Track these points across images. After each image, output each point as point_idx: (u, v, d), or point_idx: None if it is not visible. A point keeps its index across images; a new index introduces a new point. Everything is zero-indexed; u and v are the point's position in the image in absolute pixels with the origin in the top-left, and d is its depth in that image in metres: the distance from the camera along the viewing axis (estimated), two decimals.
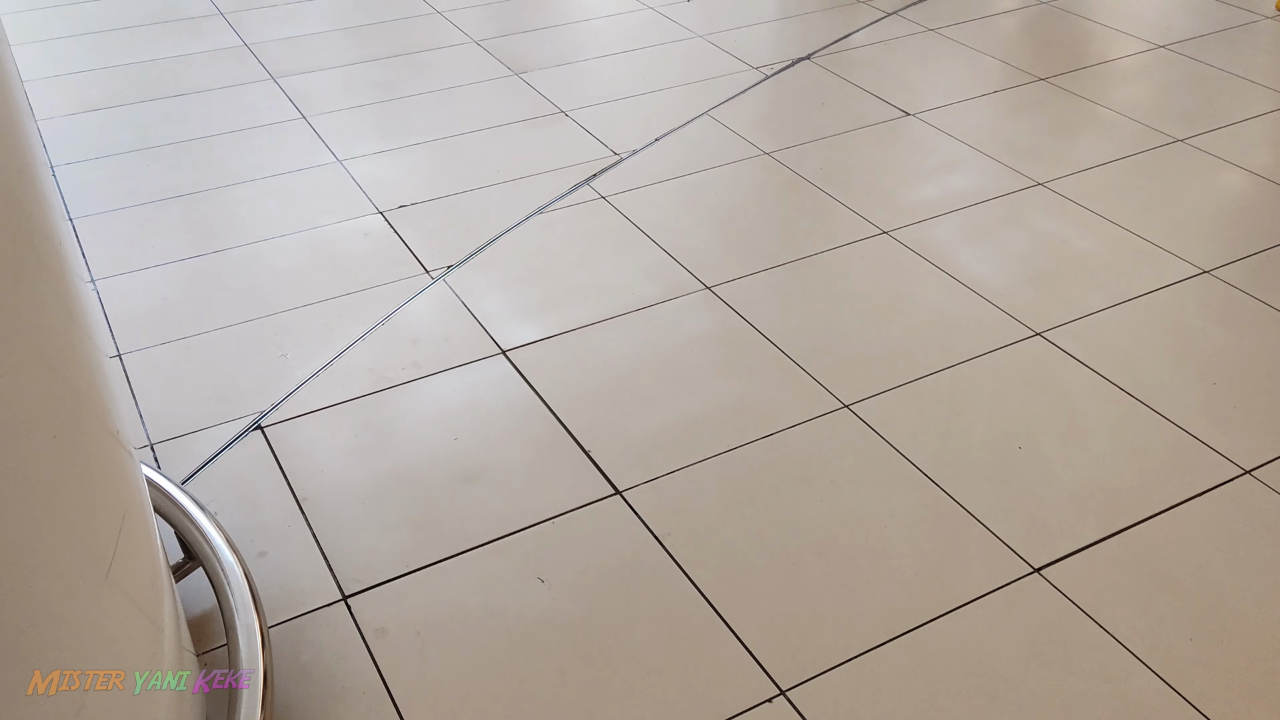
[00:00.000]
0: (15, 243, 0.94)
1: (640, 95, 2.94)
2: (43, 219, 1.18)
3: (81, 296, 1.29)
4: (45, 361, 0.94)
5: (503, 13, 3.43)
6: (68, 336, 1.11)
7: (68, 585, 0.92)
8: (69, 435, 0.96)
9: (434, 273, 2.24)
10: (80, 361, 1.10)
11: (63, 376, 1.01)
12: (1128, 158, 2.60)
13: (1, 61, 1.27)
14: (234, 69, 3.07)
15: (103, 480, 1.03)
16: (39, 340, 0.95)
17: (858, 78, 3.00)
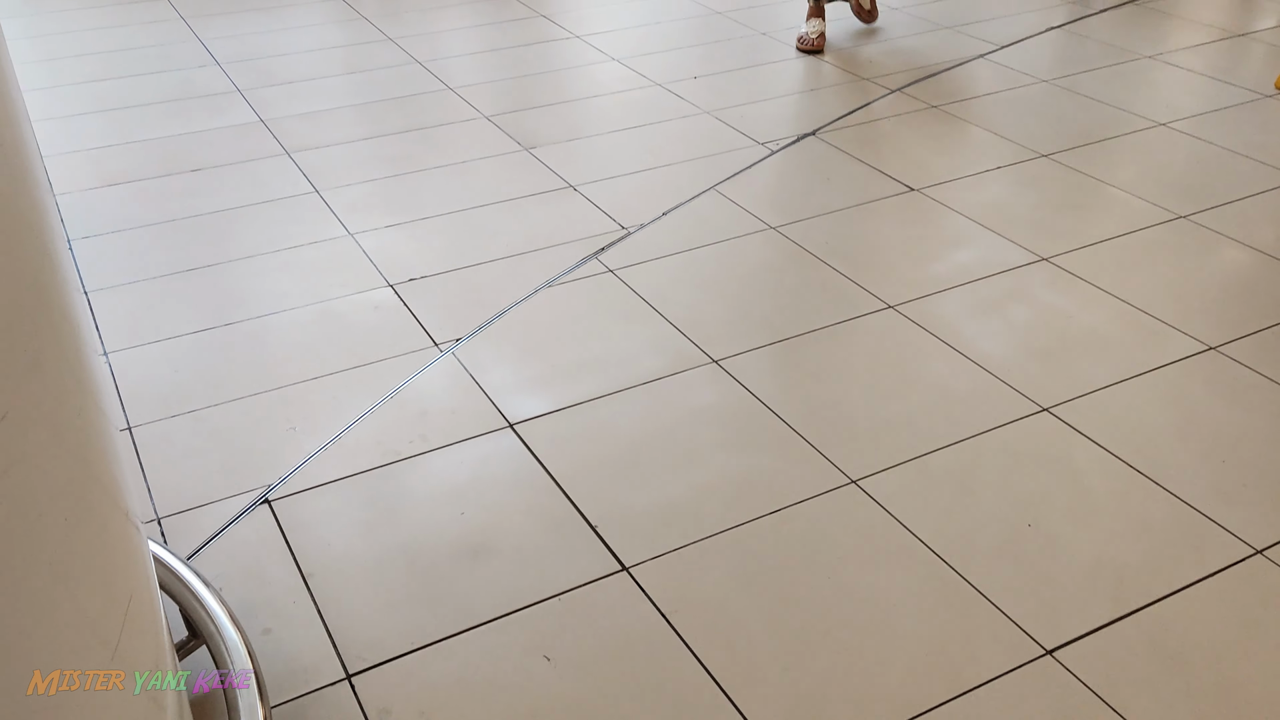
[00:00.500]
0: (35, 324, 0.96)
1: (648, 170, 2.98)
2: (61, 296, 1.20)
3: (96, 372, 1.30)
4: (62, 443, 0.95)
5: (513, 89, 3.49)
6: (83, 415, 1.12)
7: (75, 669, 0.92)
8: (81, 517, 0.96)
9: (443, 345, 2.25)
10: (94, 439, 1.11)
11: (77, 456, 1.02)
12: (1132, 233, 2.63)
13: (23, 139, 1.30)
14: (250, 144, 3.12)
15: (112, 561, 1.03)
16: (56, 422, 0.96)
17: (863, 153, 3.04)
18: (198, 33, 3.92)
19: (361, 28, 4.01)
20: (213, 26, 3.99)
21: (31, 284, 0.99)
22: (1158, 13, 4.04)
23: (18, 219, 0.99)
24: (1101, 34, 3.88)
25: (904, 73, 3.57)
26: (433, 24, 4.05)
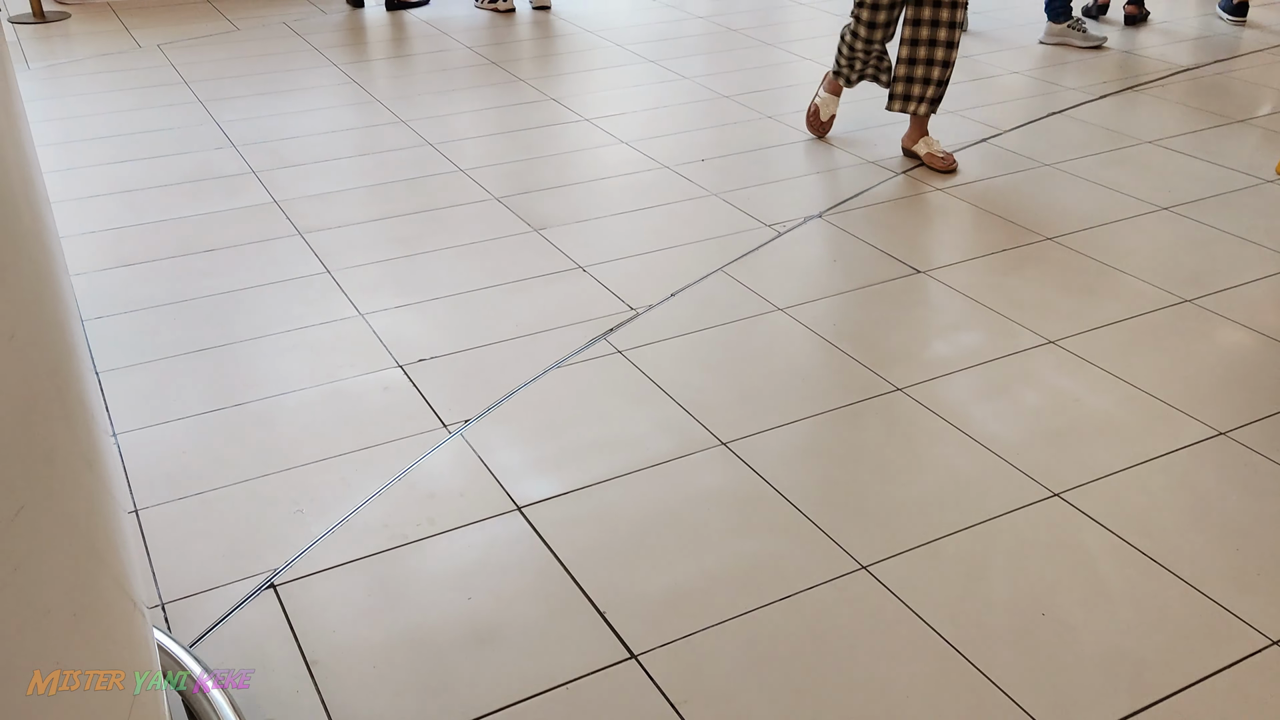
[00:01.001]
0: (51, 414, 0.96)
1: (656, 252, 3.01)
2: (77, 383, 1.20)
3: (106, 456, 1.30)
4: (73, 534, 0.95)
5: (523, 171, 3.55)
6: (93, 503, 1.12)
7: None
8: (89, 609, 0.96)
9: (452, 427, 2.25)
10: (103, 526, 1.11)
11: (87, 545, 1.02)
12: (1137, 317, 2.64)
13: (44, 225, 1.32)
14: (263, 225, 3.17)
15: (118, 652, 1.03)
16: (69, 512, 0.96)
17: (868, 235, 3.08)
18: (215, 116, 4.00)
19: (375, 110, 4.09)
20: (230, 110, 4.07)
21: (50, 372, 1.00)
22: (1157, 99, 4.11)
23: (39, 309, 1.00)
24: (1102, 119, 3.95)
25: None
26: (445, 107, 4.13)
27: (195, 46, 4.82)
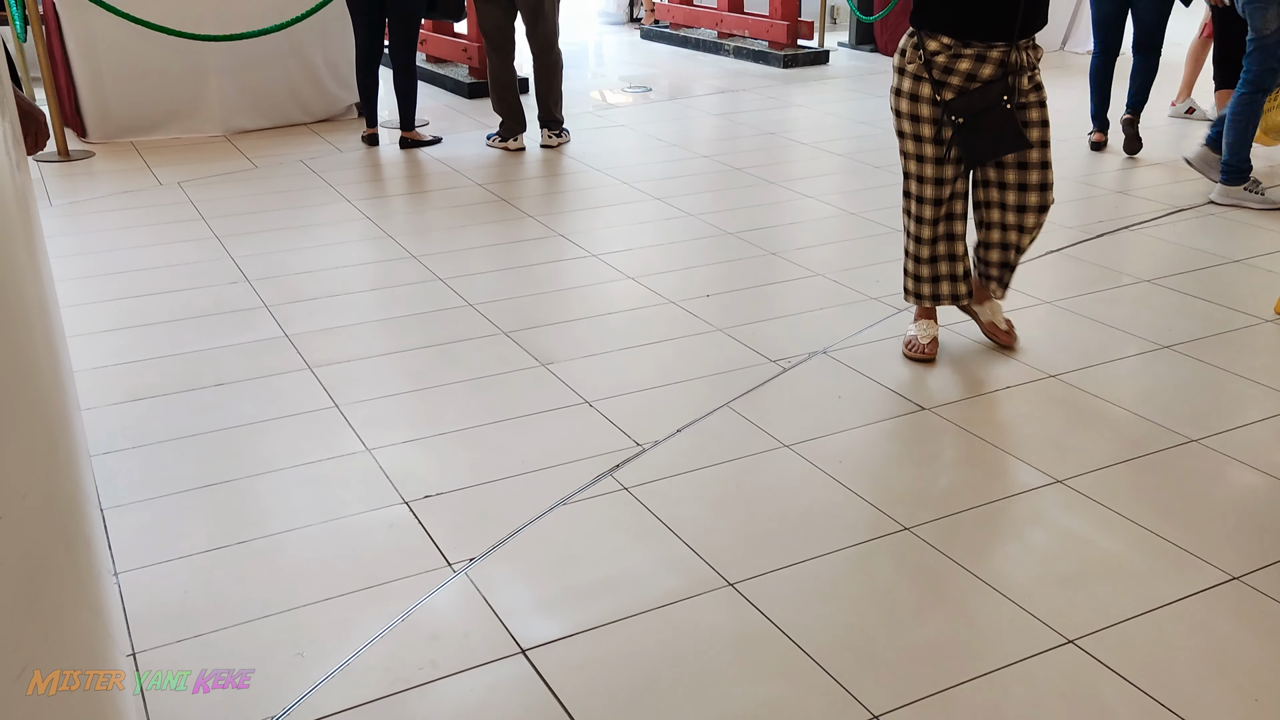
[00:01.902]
0: (57, 572, 0.96)
1: (662, 387, 3.03)
2: (84, 526, 1.21)
3: (108, 600, 1.29)
4: (71, 694, 0.94)
5: (531, 305, 3.60)
6: (94, 650, 1.11)
7: None
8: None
9: (456, 565, 2.24)
10: (103, 675, 1.09)
11: (88, 697, 1.01)
12: (1145, 456, 2.63)
13: (60, 365, 1.34)
14: (274, 359, 3.20)
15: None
16: (72, 664, 0.95)
17: (873, 372, 3.10)
18: (231, 251, 4.09)
19: (387, 245, 4.18)
20: (246, 245, 4.16)
21: (59, 525, 1.00)
22: (1153, 239, 4.19)
23: (52, 463, 1.01)
24: (1098, 258, 4.02)
25: None
26: (455, 242, 4.22)
27: (215, 183, 4.96)
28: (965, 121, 2.87)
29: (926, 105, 2.92)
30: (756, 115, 6.34)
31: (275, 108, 5.93)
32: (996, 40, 2.83)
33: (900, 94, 2.96)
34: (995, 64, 2.85)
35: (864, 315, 3.50)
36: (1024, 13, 2.83)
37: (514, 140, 5.57)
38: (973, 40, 2.83)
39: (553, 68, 5.56)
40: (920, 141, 2.96)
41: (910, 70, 2.92)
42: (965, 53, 2.84)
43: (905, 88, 2.94)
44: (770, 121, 6.18)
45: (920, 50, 2.89)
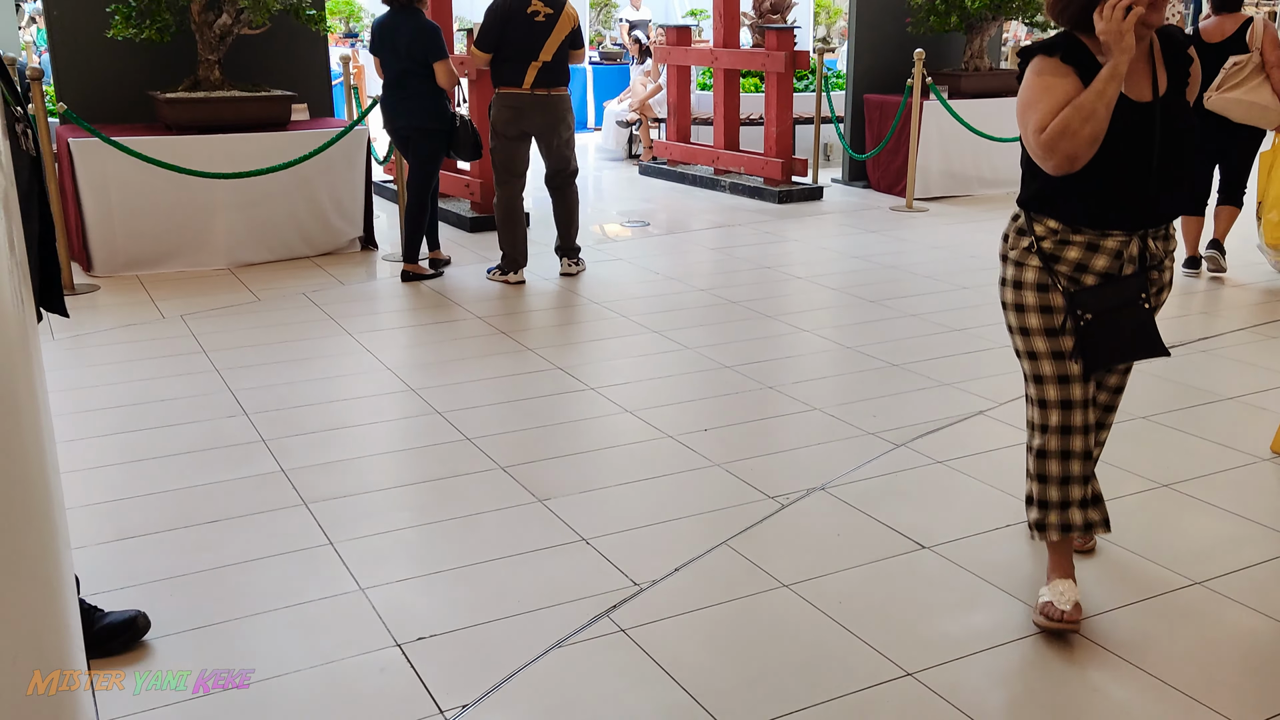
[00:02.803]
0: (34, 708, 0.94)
1: (660, 524, 3.01)
2: (66, 662, 1.18)
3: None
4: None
5: (529, 440, 3.60)
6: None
7: None
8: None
9: (448, 712, 2.18)
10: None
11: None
12: (1151, 599, 2.60)
13: (50, 500, 1.33)
14: (269, 495, 3.18)
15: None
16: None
17: (872, 509, 3.08)
18: (230, 384, 4.11)
19: (386, 379, 4.20)
20: (246, 378, 4.18)
21: (41, 659, 0.98)
22: (1149, 375, 4.22)
23: (42, 633, 0.99)
24: None
25: (908, 428, 3.68)
26: (454, 375, 4.24)
27: (217, 316, 5.02)
28: (1093, 320, 2.38)
29: (1031, 292, 2.44)
30: (753, 250, 6.46)
31: (280, 241, 6.05)
32: (1115, 229, 2.37)
33: (1005, 284, 2.50)
34: (1110, 255, 2.38)
35: (861, 450, 3.50)
36: (1153, 195, 2.35)
37: (514, 274, 5.67)
38: (1085, 228, 2.37)
39: (571, 198, 5.75)
40: (1029, 335, 2.47)
41: (1014, 258, 2.47)
42: (1075, 240, 2.38)
43: (1009, 275, 2.48)
44: (766, 256, 6.29)
45: (1027, 236, 2.45)
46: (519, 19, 5.41)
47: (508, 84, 5.47)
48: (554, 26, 5.42)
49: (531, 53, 5.41)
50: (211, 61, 5.83)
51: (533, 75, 5.43)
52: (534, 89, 5.46)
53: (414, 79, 5.52)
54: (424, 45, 5.47)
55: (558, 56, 5.45)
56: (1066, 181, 2.36)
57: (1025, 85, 2.41)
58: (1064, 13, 2.37)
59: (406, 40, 5.48)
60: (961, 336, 4.66)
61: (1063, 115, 2.27)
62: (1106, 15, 2.23)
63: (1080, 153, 2.27)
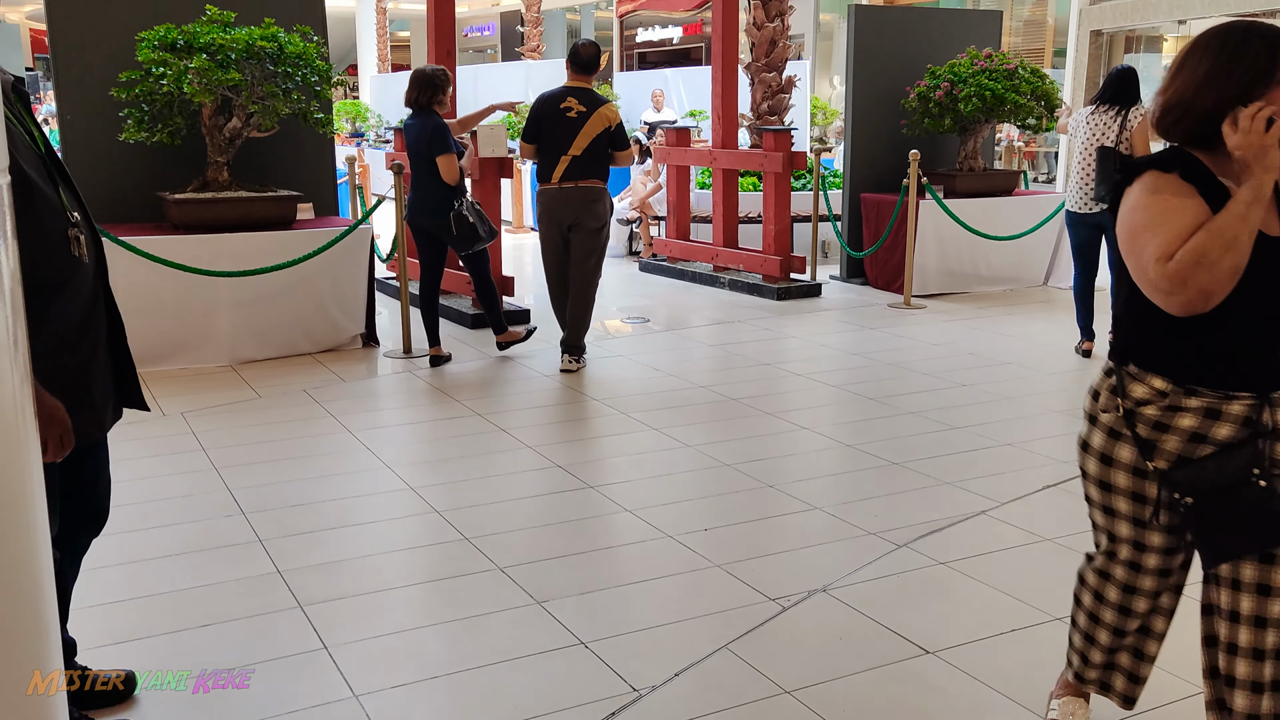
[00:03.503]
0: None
1: (660, 626, 2.97)
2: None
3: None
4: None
5: (528, 539, 3.57)
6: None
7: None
8: None
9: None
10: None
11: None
12: (1168, 705, 2.55)
13: (42, 602, 1.31)
14: (264, 597, 3.14)
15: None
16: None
17: (874, 612, 3.04)
18: (228, 483, 4.09)
19: (385, 477, 4.18)
20: (244, 476, 4.17)
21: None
22: None
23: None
24: None
25: (910, 527, 3.66)
26: (454, 473, 4.23)
27: (217, 414, 5.03)
28: (1198, 505, 2.00)
29: (1124, 473, 2.09)
30: (752, 346, 6.50)
31: (282, 338, 6.08)
32: (1242, 390, 1.97)
33: (1088, 450, 2.15)
34: (1236, 422, 1.98)
35: (863, 551, 3.47)
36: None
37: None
38: (1201, 388, 1.98)
39: (588, 303, 5.89)
40: (1113, 516, 2.15)
41: (1104, 422, 2.10)
42: (1189, 404, 1.99)
43: (1096, 444, 2.12)
44: (765, 353, 6.33)
45: (1121, 396, 2.06)
46: (553, 113, 5.67)
47: (542, 179, 5.75)
48: (585, 123, 5.63)
49: (562, 147, 5.63)
50: (220, 163, 5.95)
51: (561, 169, 5.65)
52: (561, 183, 5.67)
53: (425, 175, 5.77)
54: (428, 142, 5.69)
55: (588, 152, 5.64)
56: (1181, 329, 1.96)
57: (1137, 206, 1.98)
58: (1178, 124, 2.00)
59: (416, 138, 5.75)
60: (961, 434, 4.66)
61: (1196, 242, 1.87)
62: (1244, 127, 1.87)
63: (1218, 288, 1.87)
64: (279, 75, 5.79)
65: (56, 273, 2.10)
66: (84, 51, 5.95)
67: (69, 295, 2.13)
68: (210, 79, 5.49)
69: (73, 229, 2.12)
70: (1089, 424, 2.16)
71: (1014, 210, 8.14)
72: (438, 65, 6.04)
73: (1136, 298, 2.02)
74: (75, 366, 2.17)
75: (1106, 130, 5.67)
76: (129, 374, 2.36)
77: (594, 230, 5.74)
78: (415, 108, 5.82)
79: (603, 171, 5.74)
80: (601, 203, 5.75)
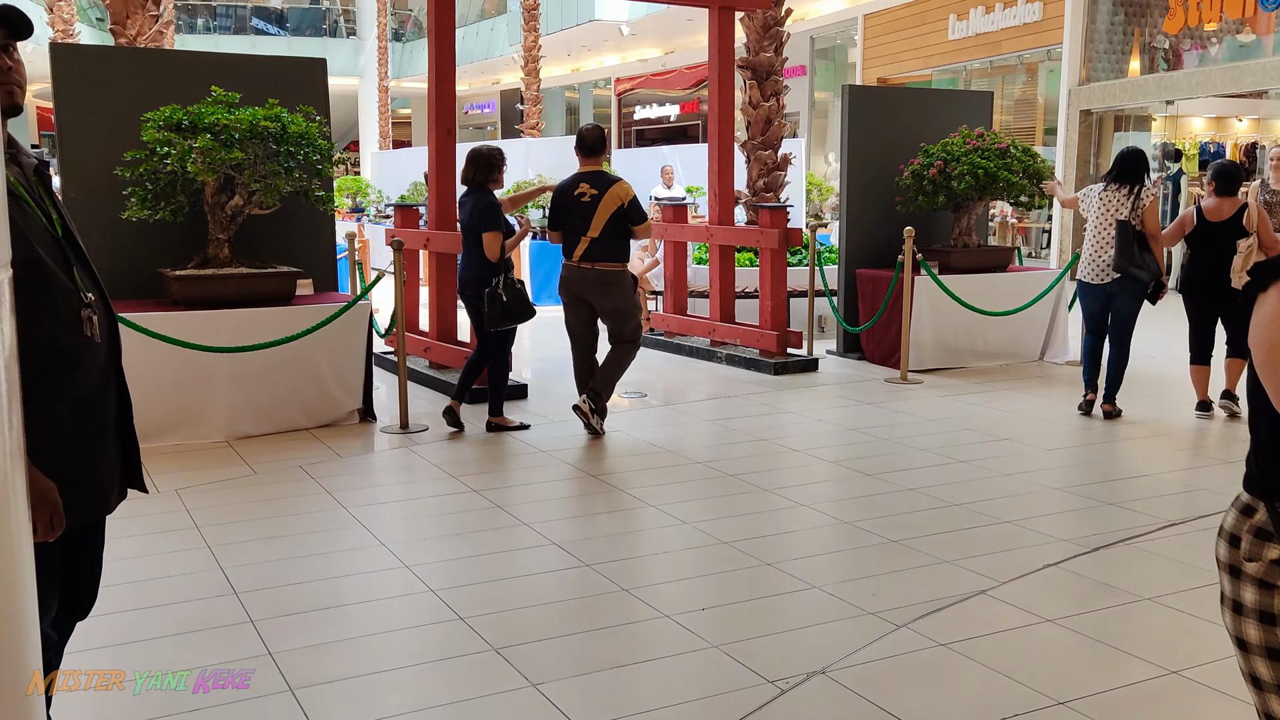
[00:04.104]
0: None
1: (657, 709, 2.92)
2: None
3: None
4: None
5: (524, 618, 3.53)
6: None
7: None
8: None
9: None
10: None
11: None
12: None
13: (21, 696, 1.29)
14: (254, 681, 3.09)
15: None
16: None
17: (875, 695, 3.00)
18: (221, 561, 4.06)
19: (380, 555, 4.14)
20: (237, 554, 4.13)
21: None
22: (1148, 554, 4.18)
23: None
24: (1096, 573, 3.98)
25: (909, 607, 3.62)
26: (449, 551, 4.19)
27: (211, 490, 5.00)
28: None
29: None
30: (749, 421, 6.49)
31: (279, 413, 6.08)
32: None
33: (1242, 613, 1.81)
34: None
35: (862, 632, 3.43)
36: None
37: (582, 402, 6.10)
38: None
39: (619, 354, 6.09)
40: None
41: (1252, 573, 1.78)
42: None
43: (1250, 601, 1.79)
44: (762, 428, 6.32)
45: (1273, 542, 1.76)
46: (570, 200, 5.98)
47: (566, 255, 6.04)
48: (598, 205, 5.91)
49: (581, 230, 5.93)
50: (221, 240, 6.01)
51: (581, 249, 5.96)
52: (581, 262, 5.97)
53: (473, 249, 6.06)
54: (478, 218, 6.00)
55: (605, 233, 5.93)
56: None
57: (1276, 318, 1.70)
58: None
59: (468, 214, 6.06)
60: (960, 512, 4.63)
61: None
62: None
63: None
64: (281, 154, 5.87)
65: (67, 352, 2.12)
66: (89, 131, 6.05)
67: (79, 375, 2.15)
68: (214, 158, 5.57)
69: (86, 309, 2.15)
70: (1232, 579, 1.81)
71: (1008, 286, 8.20)
72: (494, 145, 6.35)
73: (1272, 417, 1.73)
74: (82, 445, 2.18)
75: (1119, 207, 6.17)
76: (133, 456, 2.36)
77: (616, 310, 6.03)
78: (471, 184, 6.11)
79: (622, 251, 6.05)
80: (617, 285, 6.03)
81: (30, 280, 2.02)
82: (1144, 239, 6.11)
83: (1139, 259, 6.04)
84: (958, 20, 16.60)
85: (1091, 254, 6.32)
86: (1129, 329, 6.34)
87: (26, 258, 2.02)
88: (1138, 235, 6.07)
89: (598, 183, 5.96)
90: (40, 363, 2.05)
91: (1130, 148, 6.48)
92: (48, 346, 2.07)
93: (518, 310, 5.94)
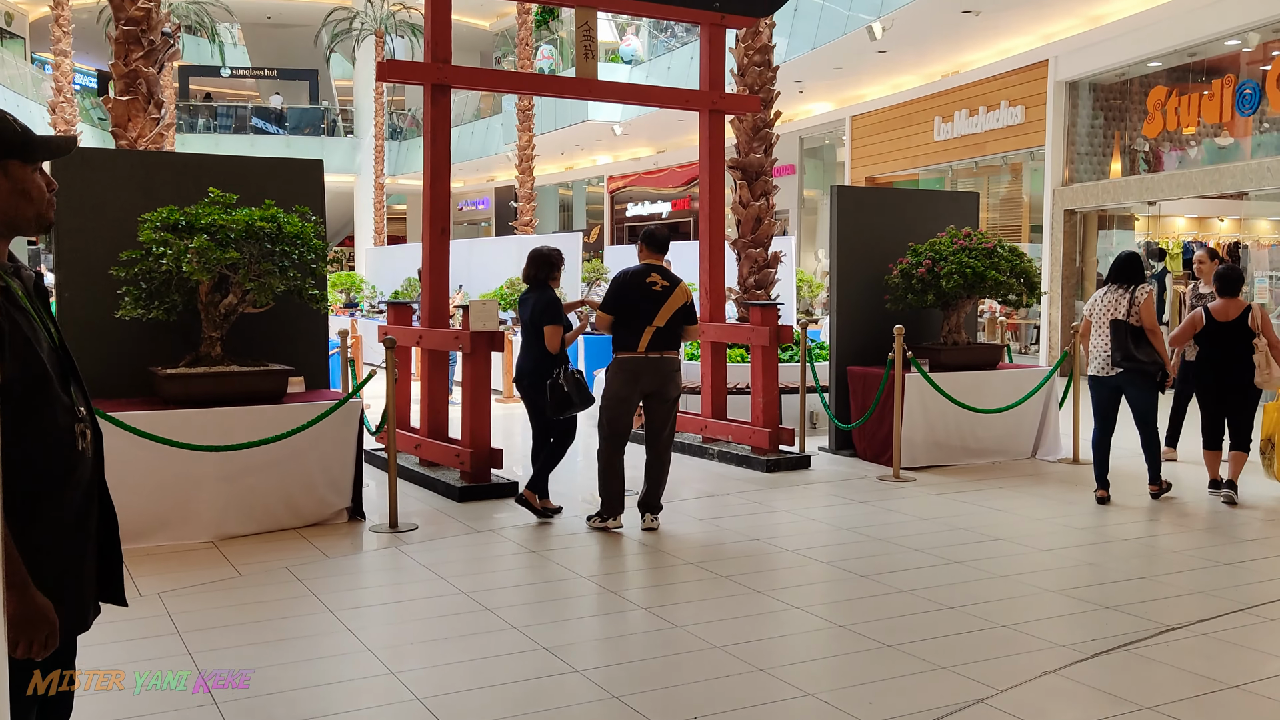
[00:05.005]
0: None
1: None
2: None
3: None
4: None
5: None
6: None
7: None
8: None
9: None
10: None
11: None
12: None
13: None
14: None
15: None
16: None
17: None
18: (201, 668, 3.96)
19: (366, 661, 4.05)
20: (218, 660, 4.03)
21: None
22: (1148, 660, 4.12)
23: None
24: (1096, 681, 3.91)
25: (906, 717, 3.54)
26: (436, 657, 4.11)
27: (195, 594, 4.91)
28: None
29: None
30: (741, 520, 6.44)
31: (266, 513, 6.01)
32: None
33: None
34: None
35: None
36: None
37: (614, 520, 6.14)
38: None
39: (666, 465, 6.24)
40: None
41: None
42: None
43: None
44: (755, 527, 6.26)
45: None
46: (639, 287, 6.10)
47: (625, 348, 6.09)
48: (669, 297, 6.08)
49: (648, 318, 6.03)
50: (214, 338, 6.02)
51: (648, 339, 6.04)
52: (648, 352, 6.05)
53: (535, 344, 6.27)
54: (539, 312, 6.23)
55: (670, 323, 6.08)
56: None
57: None
58: None
59: (530, 310, 6.29)
60: (955, 615, 4.56)
61: None
62: None
63: None
64: (276, 253, 5.92)
65: (59, 466, 2.12)
66: (86, 231, 6.11)
67: (69, 487, 2.14)
68: (209, 258, 5.62)
69: (79, 424, 2.15)
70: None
71: (999, 383, 8.23)
72: (553, 247, 6.60)
73: None
74: (70, 557, 2.15)
75: (1116, 306, 6.66)
76: (115, 567, 2.33)
77: (673, 400, 6.18)
78: (533, 282, 6.36)
79: (679, 343, 6.20)
80: (680, 373, 6.21)
81: (36, 395, 2.04)
82: (1139, 334, 6.57)
83: (1136, 352, 6.50)
84: (943, 122, 16.99)
85: (1097, 349, 6.78)
86: (1148, 415, 6.72)
87: (36, 373, 2.04)
88: (1132, 331, 6.54)
89: (667, 276, 6.17)
90: (33, 482, 2.05)
91: (1126, 252, 7.05)
92: (43, 467, 2.08)
93: (578, 399, 6.12)
